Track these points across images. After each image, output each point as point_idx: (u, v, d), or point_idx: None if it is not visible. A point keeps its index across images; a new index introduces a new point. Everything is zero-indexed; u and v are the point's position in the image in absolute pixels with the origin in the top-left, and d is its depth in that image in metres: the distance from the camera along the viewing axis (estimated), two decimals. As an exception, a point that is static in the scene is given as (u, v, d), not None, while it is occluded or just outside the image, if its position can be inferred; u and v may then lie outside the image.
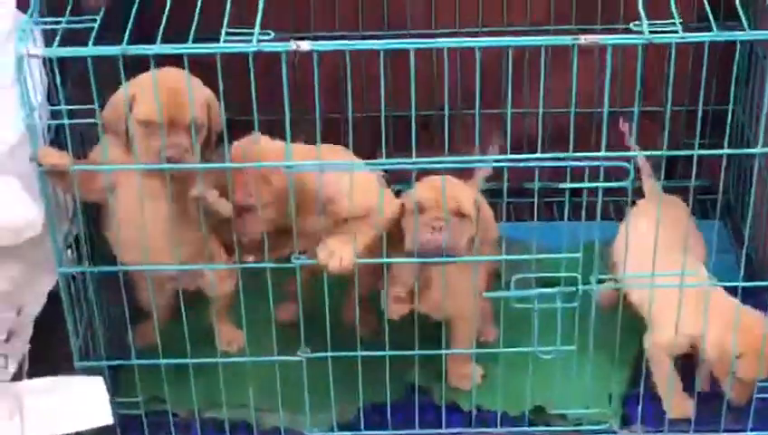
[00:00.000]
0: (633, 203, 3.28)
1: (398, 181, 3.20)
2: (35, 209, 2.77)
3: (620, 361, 3.19)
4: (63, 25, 2.75)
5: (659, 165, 3.50)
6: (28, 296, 2.96)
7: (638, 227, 3.21)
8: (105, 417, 2.97)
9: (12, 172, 2.70)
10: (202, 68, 2.84)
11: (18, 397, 2.92)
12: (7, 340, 2.93)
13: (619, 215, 3.60)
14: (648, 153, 3.07)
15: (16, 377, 2.97)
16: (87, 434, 3.07)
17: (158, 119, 2.78)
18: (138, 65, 2.78)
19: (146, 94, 2.79)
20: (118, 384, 3.19)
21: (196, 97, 2.83)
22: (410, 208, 3.02)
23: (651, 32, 2.64)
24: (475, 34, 3.69)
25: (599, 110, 2.89)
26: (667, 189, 3.37)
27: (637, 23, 2.67)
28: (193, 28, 2.68)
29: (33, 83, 2.72)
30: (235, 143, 2.93)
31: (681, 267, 2.95)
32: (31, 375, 3.01)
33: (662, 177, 3.42)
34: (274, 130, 2.92)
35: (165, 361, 3.08)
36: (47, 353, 3.12)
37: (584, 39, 2.65)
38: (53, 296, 3.03)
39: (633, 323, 3.21)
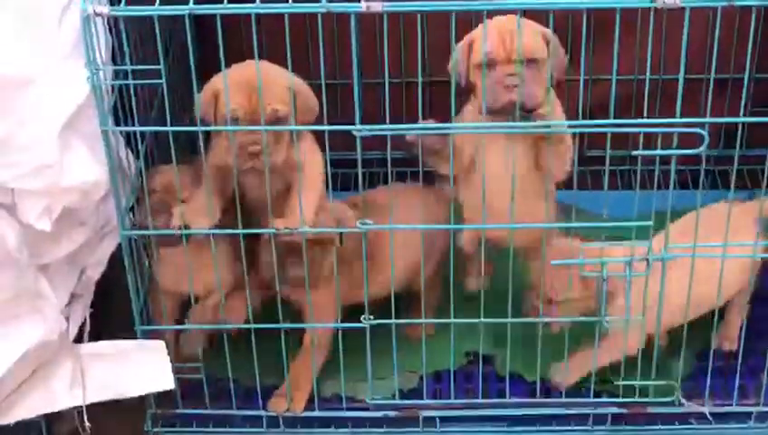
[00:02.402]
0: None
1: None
2: (100, 171, 2.74)
3: (689, 333, 3.13)
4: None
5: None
6: (90, 259, 2.94)
7: None
8: (167, 382, 2.95)
9: (78, 132, 2.66)
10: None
11: (80, 360, 2.90)
12: (69, 303, 2.90)
13: (684, 184, 3.54)
14: (727, 120, 2.99)
15: (78, 340, 2.95)
16: (148, 398, 3.07)
17: (239, 115, 2.79)
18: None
19: (227, 91, 2.77)
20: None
21: (277, 88, 2.81)
22: (478, 61, 2.79)
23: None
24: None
25: (674, 76, 2.80)
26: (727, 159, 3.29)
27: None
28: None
29: (98, 43, 2.67)
30: None
31: None
32: (91, 339, 2.99)
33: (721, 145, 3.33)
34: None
35: (227, 326, 3.05)
36: (106, 318, 3.10)
37: (663, 1, 2.57)
38: (113, 261, 3.01)
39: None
